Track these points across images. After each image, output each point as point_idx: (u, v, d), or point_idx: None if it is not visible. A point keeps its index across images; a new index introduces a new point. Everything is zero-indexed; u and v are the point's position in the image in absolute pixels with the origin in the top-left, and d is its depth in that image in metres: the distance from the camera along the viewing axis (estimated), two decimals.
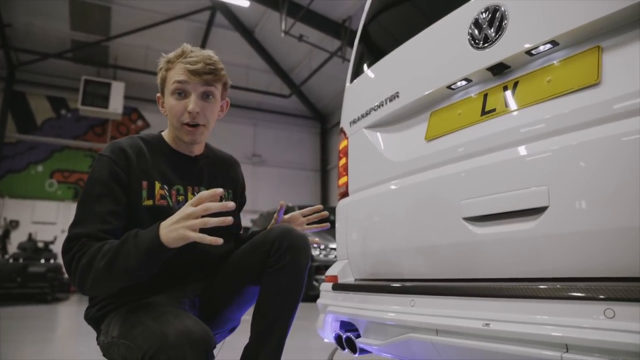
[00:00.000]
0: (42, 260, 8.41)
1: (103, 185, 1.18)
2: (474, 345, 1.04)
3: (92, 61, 11.85)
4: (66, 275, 10.45)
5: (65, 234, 1.15)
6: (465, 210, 1.19)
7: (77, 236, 1.11)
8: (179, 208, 1.21)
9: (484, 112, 1.24)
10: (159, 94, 1.34)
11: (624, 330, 0.81)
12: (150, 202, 1.23)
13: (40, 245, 9.20)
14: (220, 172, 1.45)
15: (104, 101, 10.53)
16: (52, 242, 9.50)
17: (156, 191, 1.25)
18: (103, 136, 12.79)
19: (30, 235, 9.42)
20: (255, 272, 1.32)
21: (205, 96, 1.27)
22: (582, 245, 0.96)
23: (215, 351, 1.19)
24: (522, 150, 1.09)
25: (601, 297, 0.86)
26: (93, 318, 1.28)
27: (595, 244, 0.94)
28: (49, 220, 11.61)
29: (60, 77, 12.12)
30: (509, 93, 1.20)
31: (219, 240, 1.03)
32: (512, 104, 1.18)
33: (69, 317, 5.86)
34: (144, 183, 1.24)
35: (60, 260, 9.32)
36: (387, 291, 1.37)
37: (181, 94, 1.25)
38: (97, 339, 1.27)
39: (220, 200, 1.34)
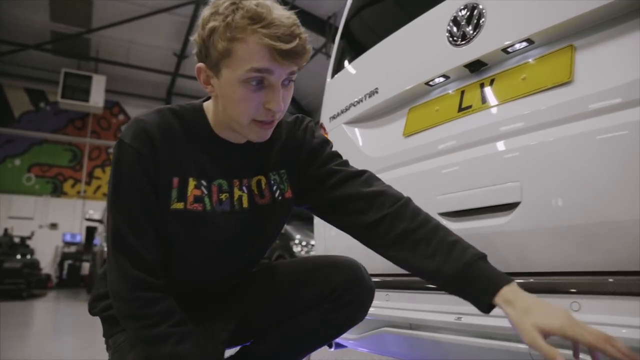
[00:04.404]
0: (18, 256, 8.23)
1: (135, 189, 0.93)
2: (447, 339, 1.06)
3: (73, 53, 11.60)
4: (44, 271, 10.25)
5: (44, 229, 1.04)
6: (441, 206, 1.20)
7: (138, 268, 0.92)
8: (221, 210, 1.00)
9: (460, 109, 1.25)
10: (201, 65, 0.92)
11: (589, 322, 0.83)
12: (180, 205, 0.96)
13: (17, 240, 9.01)
14: (277, 149, 1.09)
15: (84, 94, 10.35)
16: (29, 238, 9.31)
17: (189, 191, 0.97)
18: (83, 130, 12.58)
19: (6, 230, 9.21)
20: (303, 310, 1.13)
21: (288, 81, 0.92)
22: (552, 241, 0.97)
23: None
24: (496, 146, 1.11)
25: (568, 290, 0.88)
26: (97, 314, 1.15)
27: (563, 239, 0.96)
28: (26, 215, 11.36)
29: (39, 70, 11.85)
30: (485, 90, 1.21)
31: None
32: (488, 101, 1.19)
33: (45, 314, 5.76)
34: (175, 180, 0.96)
35: (37, 256, 9.21)
36: None
37: (260, 83, 0.88)
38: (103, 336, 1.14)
39: (271, 189, 1.06)
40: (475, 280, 0.86)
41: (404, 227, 0.97)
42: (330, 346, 1.45)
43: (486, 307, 0.85)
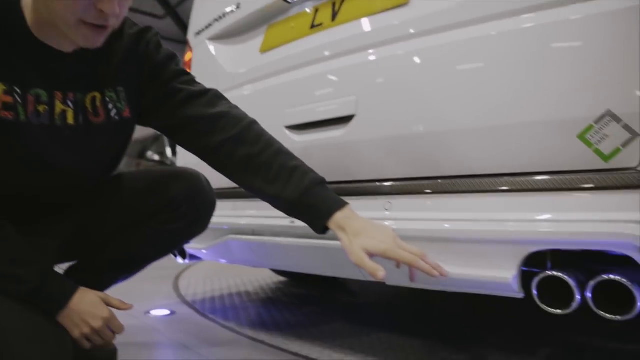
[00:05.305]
0: None
1: None
2: (283, 242, 1.14)
3: None
4: None
5: None
6: (287, 119, 1.24)
7: None
8: (38, 123, 0.89)
9: (312, 26, 1.28)
10: None
11: (397, 219, 0.96)
12: None
13: None
14: (115, 64, 0.97)
15: None
16: None
17: None
18: None
19: None
20: (142, 220, 1.10)
21: None
22: (378, 151, 1.07)
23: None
24: (337, 62, 1.16)
25: (383, 193, 0.99)
26: None
27: (386, 150, 1.05)
28: None
29: None
30: (335, 9, 1.24)
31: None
32: (336, 19, 1.22)
33: None
34: None
35: None
36: None
37: None
38: None
39: (106, 106, 0.97)
40: (312, 206, 0.91)
41: (247, 151, 0.97)
42: (184, 257, 1.47)
43: (321, 230, 0.92)
